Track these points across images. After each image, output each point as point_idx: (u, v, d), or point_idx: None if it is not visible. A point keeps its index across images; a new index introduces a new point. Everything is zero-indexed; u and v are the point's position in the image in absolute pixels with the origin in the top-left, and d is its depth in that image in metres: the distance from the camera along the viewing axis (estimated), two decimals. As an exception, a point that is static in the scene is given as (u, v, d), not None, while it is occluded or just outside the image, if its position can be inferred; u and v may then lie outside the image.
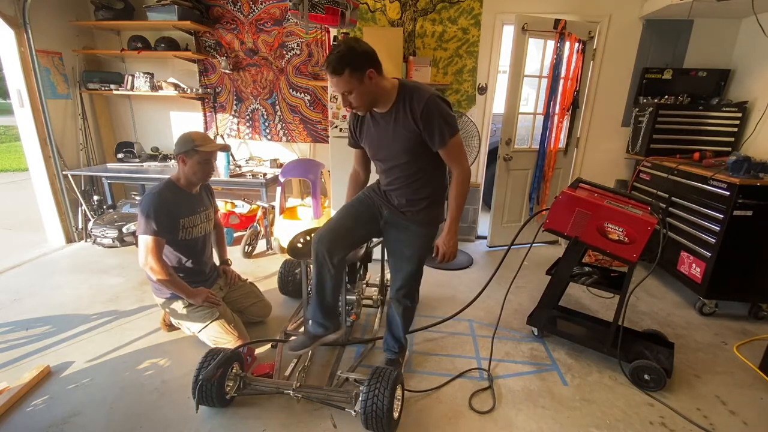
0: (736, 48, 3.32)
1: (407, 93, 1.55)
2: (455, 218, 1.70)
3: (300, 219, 3.58)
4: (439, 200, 1.78)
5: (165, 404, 1.79)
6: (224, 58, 3.78)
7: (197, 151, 1.99)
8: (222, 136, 4.10)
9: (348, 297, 2.19)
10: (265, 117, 4.02)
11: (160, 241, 1.97)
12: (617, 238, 1.90)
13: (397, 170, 1.68)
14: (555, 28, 3.22)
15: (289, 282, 2.68)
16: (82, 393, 1.85)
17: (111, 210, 3.85)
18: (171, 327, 2.32)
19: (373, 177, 1.93)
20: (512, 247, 2.27)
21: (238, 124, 4.08)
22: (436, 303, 2.74)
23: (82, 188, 3.78)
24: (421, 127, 1.54)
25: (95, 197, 3.86)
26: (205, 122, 4.11)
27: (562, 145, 3.66)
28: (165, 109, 4.13)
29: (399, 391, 1.67)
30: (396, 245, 1.80)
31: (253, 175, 3.58)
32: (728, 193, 2.39)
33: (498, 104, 3.73)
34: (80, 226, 3.77)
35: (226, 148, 2.28)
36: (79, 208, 3.75)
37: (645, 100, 3.37)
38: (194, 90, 3.93)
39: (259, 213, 3.67)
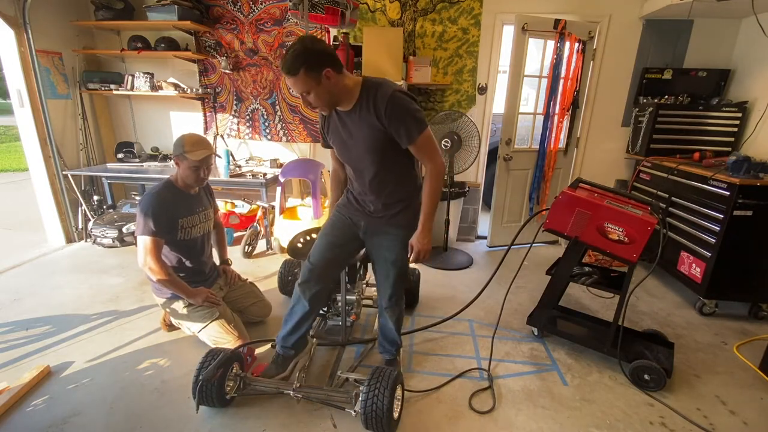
0: (736, 48, 3.32)
1: (370, 90, 1.49)
2: (429, 215, 1.64)
3: (300, 219, 3.58)
4: (416, 201, 1.72)
5: (165, 404, 1.79)
6: (224, 58, 3.78)
7: (186, 157, 1.99)
8: (222, 137, 4.10)
9: (348, 297, 2.19)
10: (265, 117, 4.01)
11: (158, 241, 1.97)
12: (617, 238, 1.90)
13: (367, 174, 1.64)
14: (555, 28, 3.22)
15: (289, 282, 2.67)
16: (82, 393, 1.85)
17: (111, 210, 3.85)
18: (171, 327, 2.32)
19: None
20: (512, 247, 2.27)
21: (238, 124, 4.07)
22: (436, 303, 2.74)
23: (82, 188, 3.78)
24: (386, 124, 1.49)
25: (95, 197, 3.86)
26: (205, 122, 4.11)
27: (562, 145, 3.66)
28: (165, 109, 4.13)
29: (399, 391, 1.67)
30: (379, 251, 1.79)
31: (253, 175, 3.58)
32: (728, 193, 2.39)
33: (498, 104, 3.74)
34: (80, 226, 3.77)
35: (213, 157, 2.18)
36: (79, 208, 3.75)
37: (645, 100, 3.37)
38: (194, 90, 3.93)
39: (259, 213, 3.67)
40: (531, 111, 3.56)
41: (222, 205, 3.85)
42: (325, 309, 2.24)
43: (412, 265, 2.63)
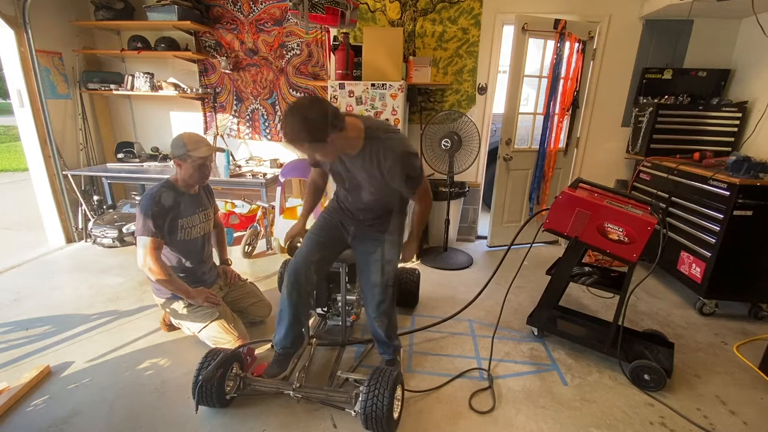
0: (736, 48, 3.32)
1: (374, 142, 1.53)
2: (418, 233, 1.88)
3: (300, 219, 3.58)
4: (404, 211, 1.86)
5: (165, 404, 1.79)
6: (224, 58, 3.78)
7: (190, 155, 1.99)
8: (222, 137, 4.10)
9: (348, 297, 2.19)
10: (265, 117, 4.01)
11: (158, 242, 1.97)
12: (617, 238, 1.90)
13: (360, 201, 1.74)
14: (555, 28, 3.22)
15: (289, 282, 2.67)
16: (82, 393, 1.85)
17: (111, 210, 3.85)
18: (171, 327, 2.32)
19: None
20: (512, 247, 2.27)
21: (238, 124, 4.07)
22: (436, 303, 2.74)
23: (82, 188, 3.78)
24: (388, 179, 1.57)
25: (95, 197, 3.86)
26: (205, 122, 4.11)
27: (562, 145, 3.66)
28: (165, 109, 4.13)
29: (399, 391, 1.68)
30: (368, 257, 1.81)
31: (253, 175, 3.58)
32: (728, 193, 2.39)
33: (498, 104, 3.73)
34: (80, 226, 3.77)
35: (219, 150, 2.27)
36: (79, 208, 3.75)
37: (645, 100, 3.37)
38: (194, 90, 3.93)
39: (259, 213, 3.67)
40: (531, 111, 3.56)
41: (222, 205, 3.85)
42: (325, 309, 2.24)
43: (411, 265, 2.63)
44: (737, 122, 3.14)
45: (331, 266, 1.99)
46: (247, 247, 3.43)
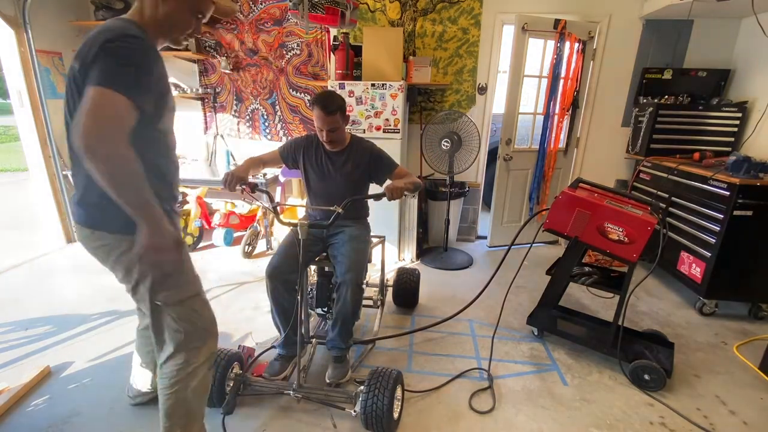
0: (736, 48, 3.32)
1: (355, 139, 2.08)
2: (403, 186, 1.94)
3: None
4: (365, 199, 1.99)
5: (165, 404, 1.79)
6: (224, 58, 3.78)
7: None
8: (222, 137, 4.10)
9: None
10: (265, 117, 4.01)
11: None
12: (617, 238, 1.90)
13: (334, 191, 2.01)
14: (555, 28, 3.23)
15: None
16: (82, 393, 1.85)
17: (111, 210, 3.85)
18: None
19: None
20: (512, 247, 2.27)
21: (238, 124, 4.07)
22: (436, 303, 2.74)
23: (82, 188, 3.78)
24: (370, 161, 2.02)
25: (95, 197, 3.86)
26: (205, 122, 4.11)
27: (562, 145, 3.66)
28: (165, 109, 4.13)
29: (399, 391, 1.68)
30: (343, 239, 1.98)
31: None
32: (728, 193, 2.39)
33: (498, 104, 3.74)
34: (80, 226, 3.77)
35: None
36: (79, 208, 3.75)
37: (645, 100, 3.37)
38: (194, 90, 3.92)
39: (259, 213, 3.67)
40: (531, 111, 3.56)
41: (222, 205, 3.85)
42: (325, 309, 2.24)
43: (411, 266, 2.60)
44: (737, 122, 3.14)
45: (309, 263, 2.03)
46: (247, 247, 3.43)
